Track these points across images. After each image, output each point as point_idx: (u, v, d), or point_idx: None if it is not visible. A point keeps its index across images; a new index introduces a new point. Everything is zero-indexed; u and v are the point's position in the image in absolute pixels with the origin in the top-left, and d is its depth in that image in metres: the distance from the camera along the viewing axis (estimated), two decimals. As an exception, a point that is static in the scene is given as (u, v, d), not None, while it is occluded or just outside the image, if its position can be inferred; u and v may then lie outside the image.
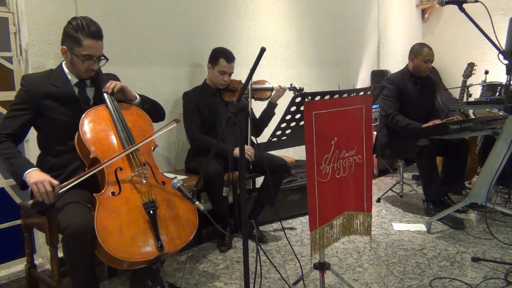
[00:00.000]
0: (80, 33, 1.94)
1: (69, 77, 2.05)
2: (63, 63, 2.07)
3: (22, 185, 1.85)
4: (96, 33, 1.98)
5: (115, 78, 2.28)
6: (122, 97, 2.15)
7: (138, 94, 2.26)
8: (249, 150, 2.80)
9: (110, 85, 2.08)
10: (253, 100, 3.11)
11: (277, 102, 3.15)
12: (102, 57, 2.06)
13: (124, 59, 2.91)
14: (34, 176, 1.79)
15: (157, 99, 3.10)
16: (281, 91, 3.11)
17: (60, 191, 1.80)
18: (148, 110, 2.24)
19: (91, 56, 1.99)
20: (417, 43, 3.69)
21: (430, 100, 3.73)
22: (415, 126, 3.36)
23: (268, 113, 3.16)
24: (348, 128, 1.93)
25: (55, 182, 1.79)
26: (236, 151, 2.73)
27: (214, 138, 2.92)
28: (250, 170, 3.00)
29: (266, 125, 3.19)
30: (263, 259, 2.62)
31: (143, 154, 2.04)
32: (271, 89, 3.14)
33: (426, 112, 3.67)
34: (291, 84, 3.21)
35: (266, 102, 3.22)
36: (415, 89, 3.62)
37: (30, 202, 1.80)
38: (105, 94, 2.07)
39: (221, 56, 2.98)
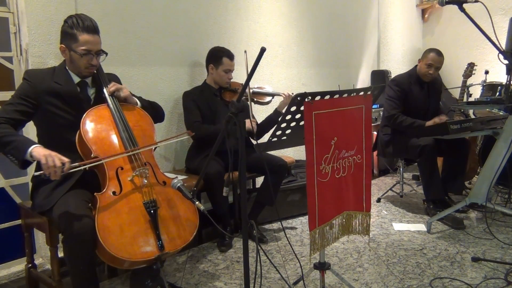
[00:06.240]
0: (76, 29, 1.95)
1: (72, 76, 2.06)
2: (65, 62, 2.07)
3: (23, 163, 1.79)
4: (91, 28, 1.98)
5: (116, 78, 2.28)
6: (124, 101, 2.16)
7: (137, 97, 2.26)
8: (252, 121, 2.83)
9: (113, 87, 2.08)
10: (252, 103, 3.12)
11: (283, 111, 3.14)
12: (101, 52, 2.05)
13: (124, 59, 2.91)
14: (42, 150, 1.74)
15: (157, 99, 3.10)
16: (288, 98, 3.09)
17: (69, 171, 1.75)
18: (149, 113, 2.24)
19: (89, 51, 1.98)
20: (431, 48, 3.56)
21: (436, 102, 3.72)
22: (420, 124, 3.36)
23: (272, 119, 3.14)
24: (348, 128, 1.93)
25: (66, 159, 1.74)
26: (247, 123, 2.78)
27: (213, 138, 2.92)
28: (251, 168, 3.00)
29: (268, 131, 3.18)
30: (263, 259, 2.62)
31: (144, 154, 2.04)
32: (271, 94, 3.14)
33: (432, 114, 3.64)
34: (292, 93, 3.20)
35: (265, 106, 3.22)
36: (421, 92, 3.58)
37: (38, 173, 1.69)
38: (106, 94, 2.07)
39: (223, 55, 3.00)
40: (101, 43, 2.04)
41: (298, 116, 1.85)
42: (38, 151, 1.74)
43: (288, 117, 1.84)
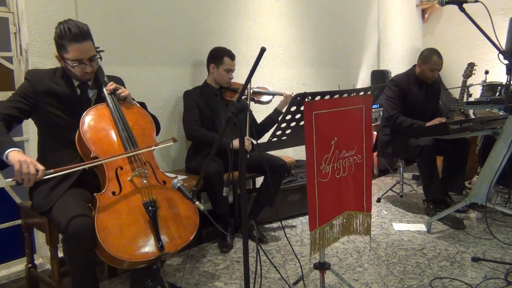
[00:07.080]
0: (64, 40, 1.91)
1: (72, 78, 2.05)
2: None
3: (1, 164, 1.76)
4: (78, 36, 1.91)
5: (120, 81, 2.27)
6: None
7: (138, 102, 2.25)
8: (246, 140, 2.79)
9: (112, 85, 2.08)
10: (252, 102, 3.12)
11: (283, 110, 3.14)
12: (94, 57, 2.00)
13: (124, 59, 2.91)
14: (19, 155, 1.68)
15: (157, 99, 3.12)
16: (288, 97, 3.09)
17: (44, 177, 1.71)
18: None
19: (80, 60, 1.95)
20: (427, 49, 3.55)
21: (435, 102, 3.71)
22: (419, 125, 3.35)
23: (272, 119, 3.14)
24: (348, 128, 1.93)
25: (41, 167, 1.69)
26: (235, 142, 2.71)
27: (208, 144, 2.91)
28: (251, 168, 3.00)
29: (267, 131, 3.18)
30: (263, 259, 2.62)
31: (144, 154, 2.04)
32: (272, 94, 3.14)
33: (431, 113, 3.64)
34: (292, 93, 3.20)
35: (265, 106, 3.22)
36: (420, 92, 3.58)
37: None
38: (106, 93, 2.07)
39: (225, 55, 3.02)
40: (93, 48, 1.99)
41: (298, 116, 1.85)
42: (13, 155, 1.69)
43: (288, 117, 1.84)
